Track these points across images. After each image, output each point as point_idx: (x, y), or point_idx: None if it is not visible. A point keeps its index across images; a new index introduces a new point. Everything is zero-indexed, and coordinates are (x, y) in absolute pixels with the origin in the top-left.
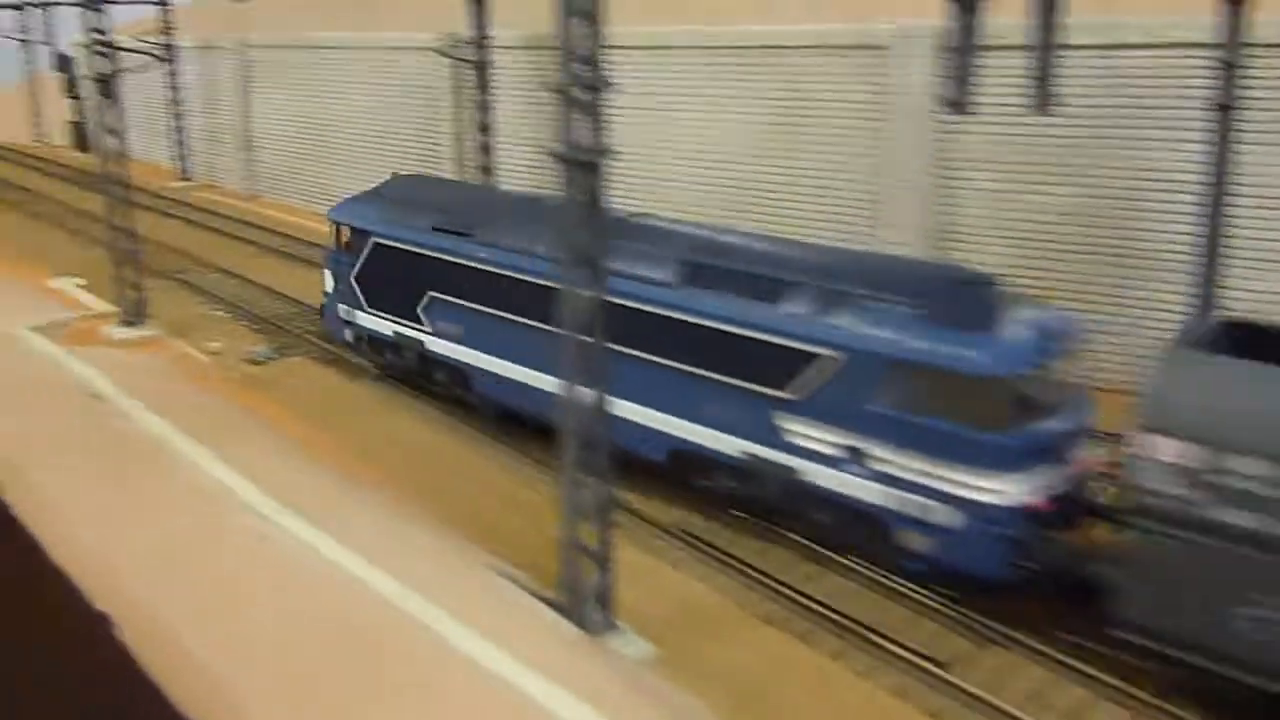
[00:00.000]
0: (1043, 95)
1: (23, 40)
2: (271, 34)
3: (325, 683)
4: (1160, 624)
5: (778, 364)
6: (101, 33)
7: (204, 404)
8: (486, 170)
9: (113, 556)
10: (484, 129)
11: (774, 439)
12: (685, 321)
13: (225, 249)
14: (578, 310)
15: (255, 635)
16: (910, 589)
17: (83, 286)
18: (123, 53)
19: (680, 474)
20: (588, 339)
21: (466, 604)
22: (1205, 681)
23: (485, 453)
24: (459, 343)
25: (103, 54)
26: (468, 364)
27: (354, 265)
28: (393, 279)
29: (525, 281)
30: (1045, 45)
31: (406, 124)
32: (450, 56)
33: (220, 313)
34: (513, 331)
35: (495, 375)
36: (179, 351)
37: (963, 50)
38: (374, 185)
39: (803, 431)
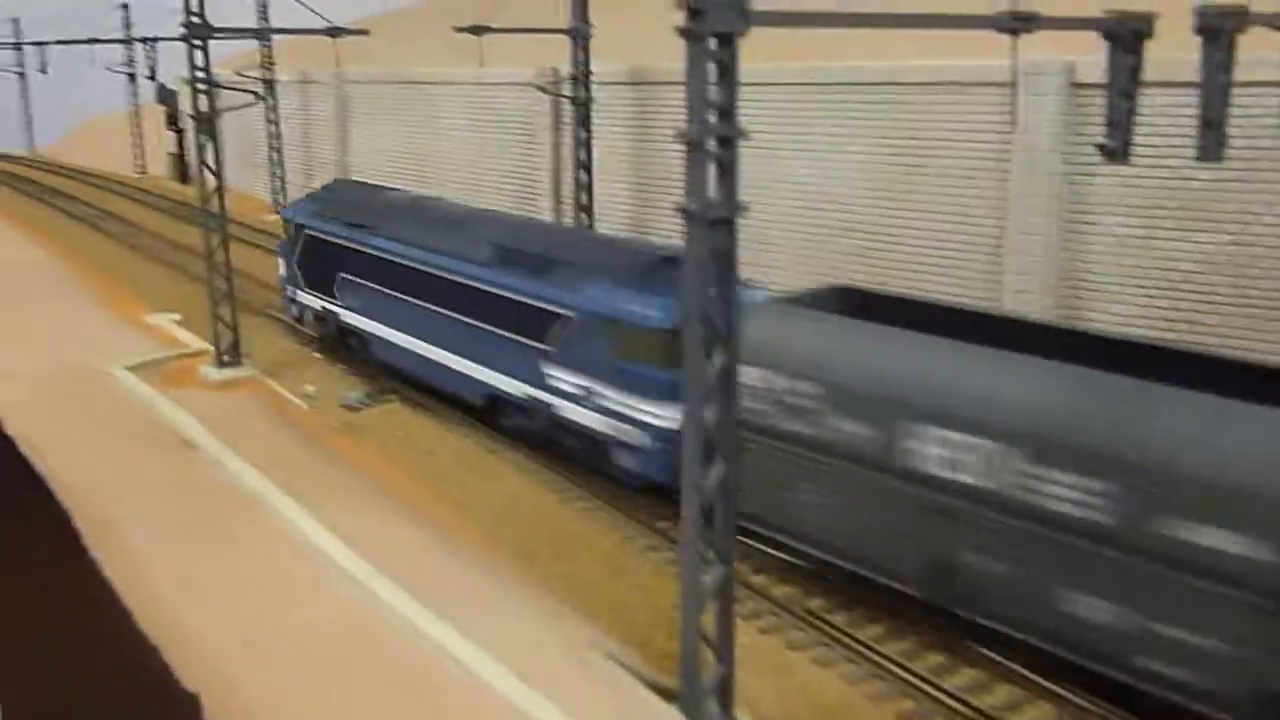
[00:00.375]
0: (1214, 140)
1: (129, 74)
2: (369, 68)
3: None
4: (752, 508)
5: (543, 324)
6: (203, 70)
7: (298, 455)
8: (586, 208)
9: (202, 627)
10: (584, 167)
11: (541, 383)
12: (492, 292)
13: None
14: (703, 381)
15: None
16: (1049, 681)
17: (178, 322)
18: (223, 89)
19: (491, 415)
20: (713, 413)
21: (575, 693)
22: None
23: (586, 512)
24: (361, 315)
25: (204, 91)
26: (367, 332)
27: (294, 253)
28: (319, 264)
29: (408, 266)
30: (1219, 84)
31: (504, 159)
32: (551, 93)
33: (314, 352)
34: (398, 306)
35: (386, 341)
36: (273, 394)
37: (1124, 93)
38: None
39: (556, 375)
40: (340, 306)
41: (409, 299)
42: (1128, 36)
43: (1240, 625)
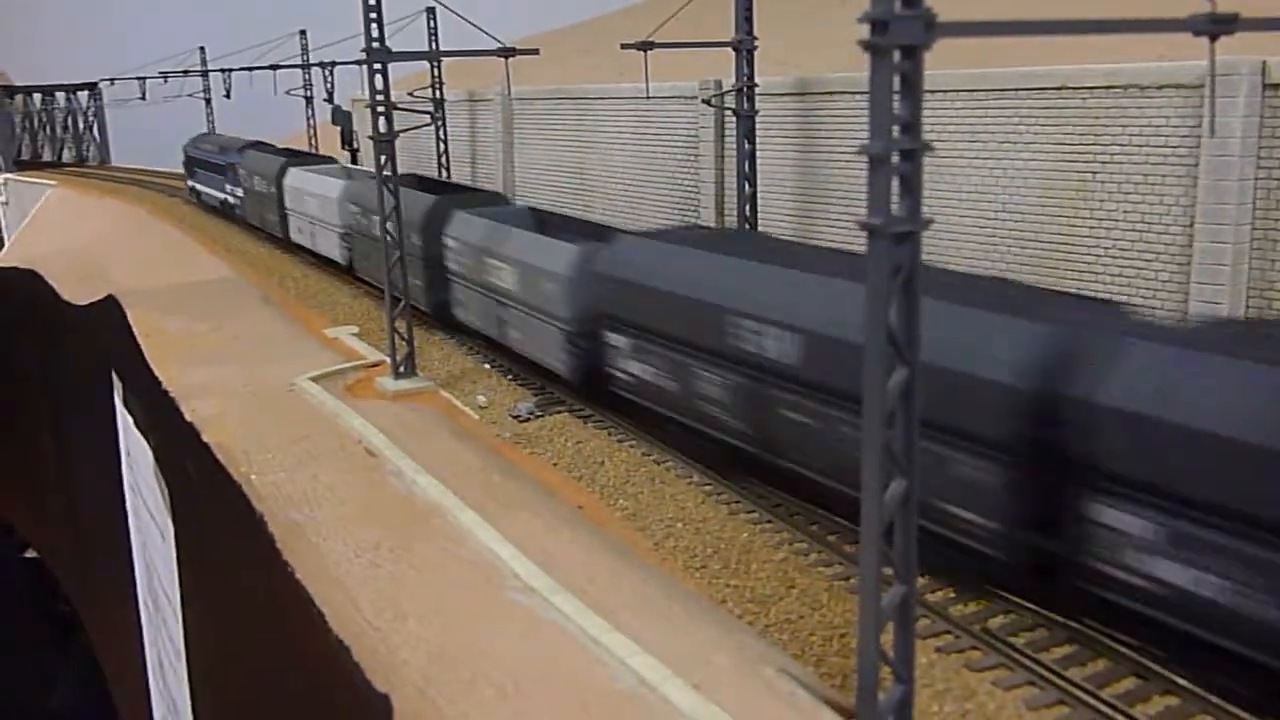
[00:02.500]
0: None
1: (307, 98)
2: (535, 86)
3: None
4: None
5: None
6: (383, 92)
7: (474, 464)
8: (750, 221)
9: (389, 633)
10: (748, 179)
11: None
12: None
13: None
14: (885, 396)
15: None
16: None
17: (356, 335)
18: (397, 110)
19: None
20: (894, 430)
21: (753, 709)
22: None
23: (757, 525)
24: (207, 187)
25: (383, 113)
26: (208, 193)
27: (189, 166)
28: (194, 170)
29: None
30: None
31: (667, 172)
32: (715, 106)
33: (485, 364)
34: (220, 178)
35: (214, 196)
36: (447, 405)
37: None
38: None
39: None
40: (198, 187)
41: (221, 179)
42: None
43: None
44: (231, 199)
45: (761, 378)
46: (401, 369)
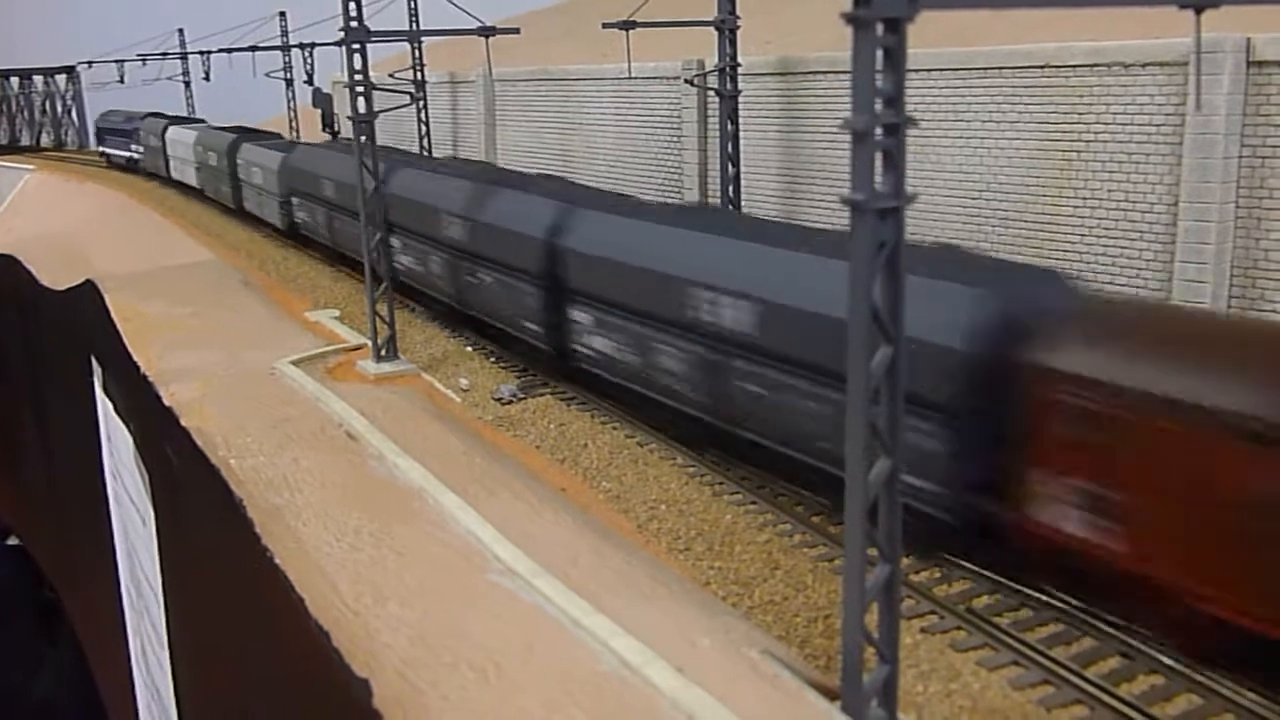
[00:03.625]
0: None
1: (286, 80)
2: (516, 67)
3: None
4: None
5: None
6: (361, 73)
7: (456, 447)
8: (733, 201)
9: (369, 618)
10: (731, 159)
11: None
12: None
13: None
14: (869, 374)
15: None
16: (1237, 689)
17: (337, 318)
18: (377, 91)
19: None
20: (879, 403)
21: (737, 689)
22: None
23: (741, 507)
24: (114, 149)
25: (363, 94)
26: (115, 154)
27: (100, 136)
28: (104, 138)
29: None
30: None
31: (650, 153)
32: (698, 86)
33: (467, 347)
34: (126, 140)
35: (120, 156)
36: (429, 388)
37: None
38: None
39: None
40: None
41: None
42: None
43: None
44: (136, 155)
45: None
46: (383, 352)
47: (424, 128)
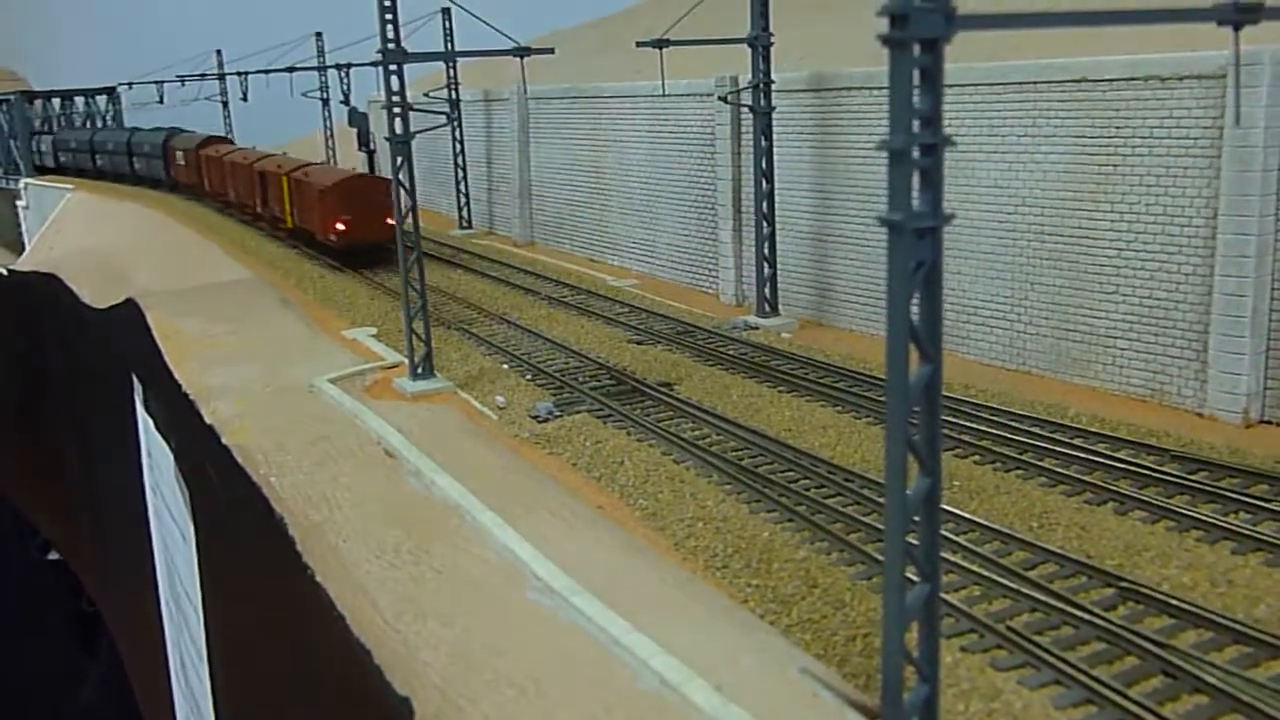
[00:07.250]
0: None
1: (323, 100)
2: (551, 85)
3: None
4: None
5: None
6: (398, 93)
7: (493, 465)
8: (767, 218)
9: (411, 637)
10: (765, 175)
11: None
12: None
13: (503, 297)
14: (906, 394)
15: None
16: None
17: (374, 336)
18: (413, 111)
19: None
20: (917, 427)
21: (776, 709)
22: None
23: (778, 525)
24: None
25: (399, 114)
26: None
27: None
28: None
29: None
30: None
31: (684, 169)
32: (732, 103)
33: (503, 364)
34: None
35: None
36: (466, 406)
37: None
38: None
39: None
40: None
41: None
42: None
43: None
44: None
45: None
46: (419, 370)
47: (458, 145)
